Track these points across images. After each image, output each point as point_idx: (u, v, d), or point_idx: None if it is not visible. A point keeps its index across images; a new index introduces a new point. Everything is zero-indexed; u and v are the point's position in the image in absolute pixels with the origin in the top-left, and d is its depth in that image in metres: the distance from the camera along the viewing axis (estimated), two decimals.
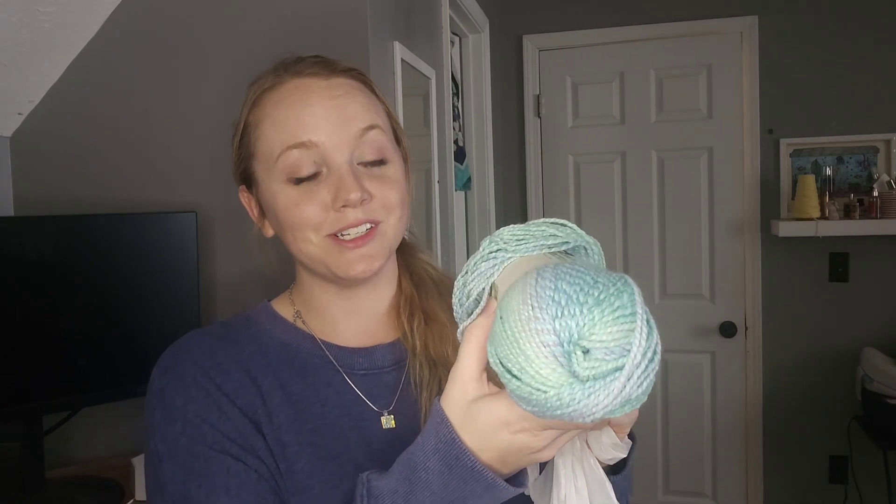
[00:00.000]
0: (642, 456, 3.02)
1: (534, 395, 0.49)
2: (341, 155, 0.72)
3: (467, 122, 2.67)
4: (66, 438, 1.48)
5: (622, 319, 0.49)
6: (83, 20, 1.47)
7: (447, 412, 0.57)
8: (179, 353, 0.73)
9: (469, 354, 0.56)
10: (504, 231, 0.60)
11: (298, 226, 0.72)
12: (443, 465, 0.56)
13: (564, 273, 0.51)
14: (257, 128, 0.75)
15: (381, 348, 0.79)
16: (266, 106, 0.75)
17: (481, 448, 0.56)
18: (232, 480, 0.65)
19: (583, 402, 0.48)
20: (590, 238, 0.60)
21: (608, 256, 3.11)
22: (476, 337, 0.56)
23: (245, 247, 0.85)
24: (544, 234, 0.59)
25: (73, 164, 1.54)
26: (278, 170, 0.73)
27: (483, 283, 0.59)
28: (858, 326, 2.78)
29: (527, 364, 0.49)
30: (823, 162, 2.80)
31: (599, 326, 0.48)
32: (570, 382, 0.48)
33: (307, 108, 0.72)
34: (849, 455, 2.76)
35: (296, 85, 0.74)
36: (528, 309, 0.49)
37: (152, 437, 0.69)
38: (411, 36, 1.75)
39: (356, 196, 0.70)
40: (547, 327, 0.49)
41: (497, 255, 0.60)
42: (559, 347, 0.48)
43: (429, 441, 0.58)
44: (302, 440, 0.70)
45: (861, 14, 2.74)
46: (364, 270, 0.72)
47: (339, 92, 0.74)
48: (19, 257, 1.26)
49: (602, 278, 0.50)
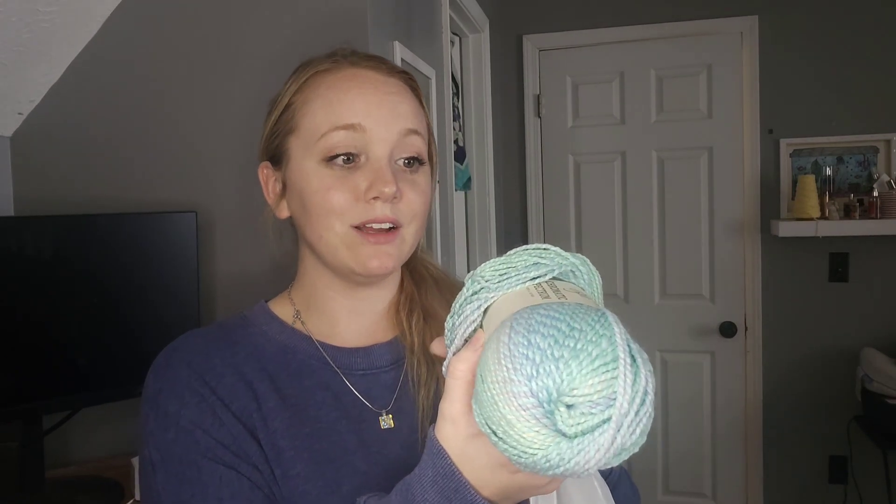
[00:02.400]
0: (642, 456, 3.02)
1: (522, 458, 0.47)
2: (384, 147, 0.72)
3: (467, 122, 2.67)
4: (66, 438, 1.48)
5: (602, 369, 0.46)
6: (83, 20, 1.47)
7: (444, 448, 0.55)
8: (174, 355, 0.72)
9: (454, 390, 0.54)
10: (486, 267, 0.58)
11: (326, 212, 0.72)
12: (441, 497, 0.55)
13: (538, 324, 0.48)
14: (305, 105, 0.75)
15: (378, 347, 0.79)
16: (318, 87, 0.75)
17: (481, 486, 0.54)
18: (225, 489, 0.65)
19: (573, 459, 0.45)
20: (576, 259, 0.58)
21: (608, 257, 3.10)
22: (461, 372, 0.54)
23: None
24: (527, 265, 0.57)
25: (73, 164, 1.54)
26: (319, 148, 0.72)
27: (469, 328, 0.57)
28: (858, 326, 2.78)
29: (509, 428, 0.47)
30: (823, 162, 2.81)
31: (579, 380, 0.45)
32: (557, 442, 0.46)
33: (362, 95, 0.73)
34: (849, 455, 2.76)
35: (353, 73, 0.75)
36: (503, 371, 0.47)
37: (146, 444, 0.68)
38: (411, 36, 1.75)
39: (390, 190, 0.70)
40: (523, 390, 0.46)
41: (479, 296, 0.57)
42: (539, 409, 0.46)
43: (426, 472, 0.56)
44: (298, 444, 0.70)
45: (861, 14, 2.74)
46: (379, 267, 0.72)
47: (394, 90, 0.75)
48: (19, 257, 1.26)
49: (579, 322, 0.47)
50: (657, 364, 3.00)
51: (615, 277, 3.02)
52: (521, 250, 0.58)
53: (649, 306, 3.00)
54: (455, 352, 0.57)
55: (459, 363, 0.54)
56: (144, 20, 1.51)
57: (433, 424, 0.56)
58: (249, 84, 1.45)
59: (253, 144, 0.84)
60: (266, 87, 0.86)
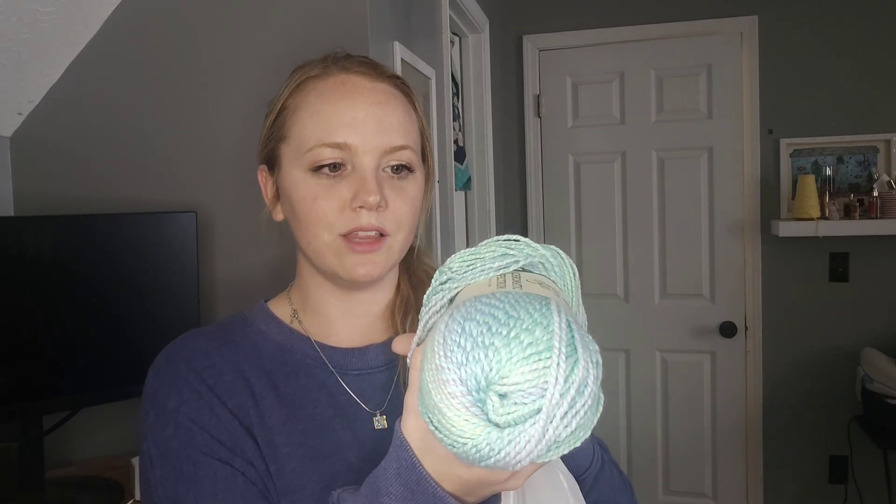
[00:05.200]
0: (642, 456, 3.02)
1: (456, 448, 0.46)
2: (370, 159, 0.73)
3: (467, 122, 2.67)
4: (66, 438, 1.48)
5: (535, 357, 0.44)
6: (83, 20, 1.47)
7: (407, 440, 0.55)
8: (173, 354, 0.73)
9: (416, 382, 0.53)
10: (455, 258, 0.57)
11: (313, 220, 0.73)
12: (405, 489, 0.55)
13: (476, 312, 0.47)
14: (295, 112, 0.75)
15: (373, 348, 0.79)
16: (308, 94, 0.75)
17: (442, 478, 0.54)
18: (220, 485, 0.66)
19: (503, 450, 0.44)
20: (546, 251, 0.57)
21: (608, 257, 3.09)
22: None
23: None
24: (494, 256, 0.56)
25: (73, 164, 1.54)
26: (306, 159, 0.73)
27: (433, 318, 0.56)
28: (858, 326, 2.78)
29: (441, 417, 0.46)
30: (823, 162, 2.80)
31: (509, 368, 0.44)
32: (488, 431, 0.45)
33: (349, 109, 0.73)
34: (849, 455, 2.76)
35: (342, 80, 0.75)
36: (437, 358, 0.46)
37: (145, 439, 0.70)
38: (411, 36, 1.75)
39: (374, 199, 0.71)
40: (452, 377, 0.45)
41: (445, 286, 0.56)
42: (468, 397, 0.45)
43: (391, 465, 0.56)
44: (294, 441, 0.71)
45: (861, 14, 2.74)
46: (366, 274, 0.73)
47: (383, 98, 0.75)
48: (19, 257, 1.26)
49: (519, 310, 0.46)
50: (657, 364, 3.00)
51: (615, 277, 3.02)
52: (492, 241, 0.57)
53: (649, 306, 3.00)
54: (419, 342, 0.56)
55: (419, 354, 0.53)
56: (144, 20, 1.51)
57: (399, 418, 0.57)
58: (249, 84, 1.45)
59: (252, 145, 0.84)
60: (265, 87, 0.86)
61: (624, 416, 3.03)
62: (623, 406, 3.04)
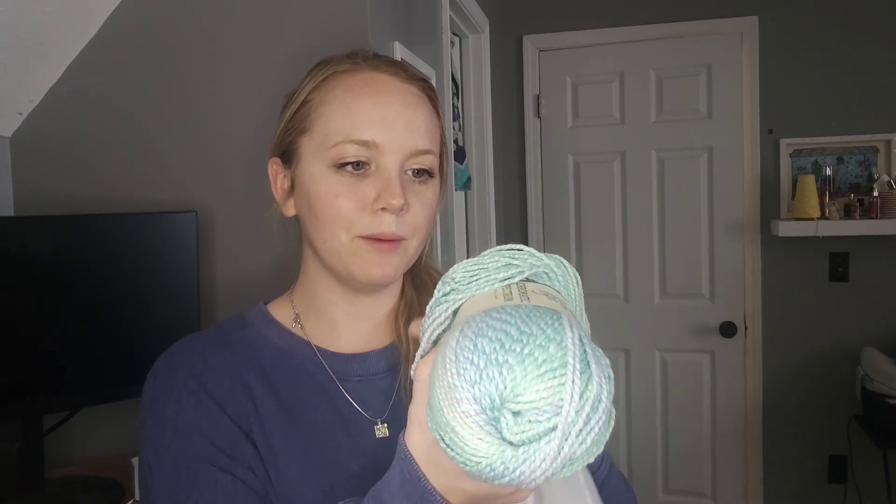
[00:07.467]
0: (642, 456, 3.02)
1: (469, 466, 0.46)
2: (395, 160, 0.71)
3: (467, 122, 2.67)
4: (66, 438, 1.48)
5: (549, 375, 0.44)
6: (83, 20, 1.47)
7: (412, 453, 0.54)
8: (172, 360, 0.72)
9: (421, 394, 0.53)
10: (458, 269, 0.56)
11: (332, 218, 0.71)
12: (409, 503, 0.54)
13: (488, 327, 0.46)
14: (321, 106, 0.73)
15: (375, 353, 0.78)
16: (336, 88, 0.73)
17: (448, 492, 0.53)
18: (219, 493, 0.65)
19: (518, 469, 0.44)
20: (550, 260, 0.56)
21: (608, 257, 3.09)
22: (427, 375, 0.52)
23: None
24: (498, 266, 0.55)
25: (73, 164, 1.54)
26: (330, 155, 0.71)
27: (437, 330, 0.55)
28: (858, 326, 2.78)
29: (455, 436, 0.45)
30: (823, 162, 2.81)
31: (524, 386, 0.44)
32: (502, 450, 0.44)
33: (379, 107, 0.71)
34: (848, 455, 2.76)
35: (372, 77, 0.73)
36: (449, 376, 0.45)
37: (143, 447, 0.69)
38: (411, 36, 1.75)
39: (398, 202, 0.69)
40: (466, 396, 0.44)
41: (449, 298, 0.55)
42: (482, 416, 0.44)
43: (394, 478, 0.55)
44: (293, 447, 0.70)
45: (861, 14, 2.74)
46: (382, 276, 0.72)
47: (412, 100, 0.74)
48: (19, 257, 1.26)
49: (530, 325, 0.45)
50: (657, 363, 3.01)
51: (615, 277, 3.02)
52: (494, 251, 0.57)
53: (649, 306, 3.00)
54: (423, 355, 0.56)
55: (424, 366, 0.53)
56: (144, 20, 1.51)
57: (404, 429, 0.56)
58: (249, 84, 1.45)
59: (253, 144, 0.84)
60: (265, 86, 0.86)
61: (624, 415, 3.03)
62: (623, 405, 3.03)
